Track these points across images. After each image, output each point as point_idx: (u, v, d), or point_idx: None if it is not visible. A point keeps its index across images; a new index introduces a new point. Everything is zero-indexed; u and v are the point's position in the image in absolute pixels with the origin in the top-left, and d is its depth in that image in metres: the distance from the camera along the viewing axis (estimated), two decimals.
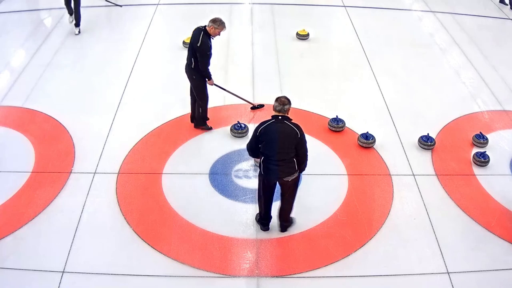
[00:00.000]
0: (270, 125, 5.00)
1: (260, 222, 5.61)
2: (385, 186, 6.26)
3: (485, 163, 6.59)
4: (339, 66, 8.90)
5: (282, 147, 4.97)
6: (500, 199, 6.10)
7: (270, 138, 4.98)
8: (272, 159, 5.03)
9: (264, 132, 4.99)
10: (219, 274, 5.11)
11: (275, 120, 5.00)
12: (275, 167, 5.05)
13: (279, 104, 4.98)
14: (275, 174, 5.10)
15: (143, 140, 6.85)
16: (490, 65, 9.04)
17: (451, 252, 5.42)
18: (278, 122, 4.98)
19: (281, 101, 4.98)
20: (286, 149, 4.99)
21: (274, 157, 5.01)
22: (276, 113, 5.01)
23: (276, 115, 5.01)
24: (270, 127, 4.99)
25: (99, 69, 8.51)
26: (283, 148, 4.98)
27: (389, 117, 7.51)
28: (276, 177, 5.16)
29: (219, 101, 7.70)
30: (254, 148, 5.16)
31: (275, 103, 5.01)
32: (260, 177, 5.28)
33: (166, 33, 9.87)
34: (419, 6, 11.50)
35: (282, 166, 5.04)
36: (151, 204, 5.88)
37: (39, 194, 5.94)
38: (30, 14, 10.52)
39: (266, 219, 5.55)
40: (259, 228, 5.60)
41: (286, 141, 4.97)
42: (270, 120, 5.03)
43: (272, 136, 4.97)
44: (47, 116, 7.25)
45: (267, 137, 4.98)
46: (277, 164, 5.03)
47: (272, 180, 5.22)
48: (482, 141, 6.90)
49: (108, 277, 5.04)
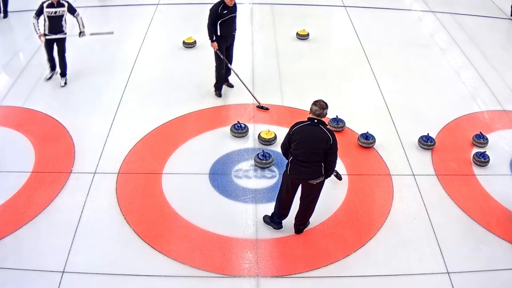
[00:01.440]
0: (304, 126, 5.01)
1: (273, 221, 5.59)
2: (385, 186, 6.26)
3: (485, 163, 6.58)
4: (339, 66, 8.90)
5: (312, 149, 4.97)
6: (500, 199, 6.10)
7: (302, 138, 4.98)
8: (300, 160, 5.03)
9: (297, 132, 5.00)
10: (219, 274, 5.11)
11: (310, 123, 5.00)
12: (302, 169, 5.05)
13: (318, 108, 4.97)
14: (301, 175, 5.10)
15: (143, 140, 6.85)
16: (490, 65, 9.04)
17: (451, 252, 5.42)
18: (313, 124, 4.99)
19: (321, 105, 4.97)
20: (315, 152, 4.98)
21: (302, 158, 5.01)
22: (313, 116, 5.00)
23: (313, 118, 5.00)
24: (304, 128, 5.00)
25: (99, 69, 8.51)
26: (312, 151, 4.97)
27: (389, 117, 7.51)
28: (302, 179, 5.14)
29: (219, 101, 7.71)
30: (287, 148, 5.15)
31: (314, 106, 4.98)
32: (285, 176, 5.26)
33: (166, 33, 9.87)
34: (419, 6, 11.50)
35: (309, 168, 5.04)
36: (151, 204, 5.88)
37: (39, 194, 5.94)
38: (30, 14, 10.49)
39: (281, 218, 5.54)
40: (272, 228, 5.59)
41: (317, 145, 4.96)
42: (306, 121, 5.03)
43: (304, 137, 4.98)
44: (47, 116, 7.25)
45: (299, 137, 4.99)
46: (304, 166, 5.03)
47: (297, 181, 5.21)
48: (482, 141, 6.90)
49: (108, 277, 5.04)
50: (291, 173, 5.14)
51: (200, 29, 9.75)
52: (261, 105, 7.56)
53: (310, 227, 5.63)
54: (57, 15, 7.62)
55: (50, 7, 7.56)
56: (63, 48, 7.94)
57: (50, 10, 7.56)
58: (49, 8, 7.56)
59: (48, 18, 7.60)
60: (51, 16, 7.59)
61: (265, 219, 5.68)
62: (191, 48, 9.20)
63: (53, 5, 7.56)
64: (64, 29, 7.80)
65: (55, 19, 7.63)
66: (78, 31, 7.94)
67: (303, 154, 4.99)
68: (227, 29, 7.39)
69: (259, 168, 6.42)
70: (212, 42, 7.41)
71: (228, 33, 7.44)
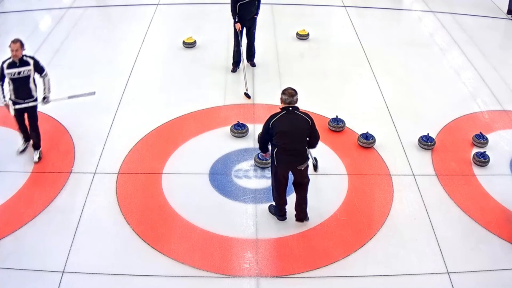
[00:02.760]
0: (282, 116, 5.10)
1: (276, 214, 5.67)
2: (385, 186, 6.26)
3: (485, 163, 6.58)
4: (339, 66, 8.90)
5: (296, 137, 5.11)
6: (500, 199, 6.10)
7: (284, 129, 5.07)
8: (286, 150, 5.13)
9: (277, 123, 5.08)
10: (219, 274, 5.11)
11: (286, 112, 5.09)
12: (290, 157, 5.18)
13: (288, 96, 5.09)
14: (289, 164, 5.23)
15: (143, 140, 6.85)
16: (490, 65, 9.04)
17: (451, 252, 5.42)
18: (289, 113, 5.09)
19: (289, 93, 5.09)
20: (299, 138, 5.14)
21: (288, 147, 5.12)
22: (285, 105, 5.10)
23: (286, 106, 5.10)
24: (282, 119, 5.09)
25: (99, 69, 8.51)
26: (297, 138, 5.12)
27: (389, 117, 7.51)
28: (290, 167, 5.27)
29: (219, 101, 7.71)
30: (266, 141, 5.26)
31: (284, 96, 5.11)
32: (274, 169, 5.35)
33: (166, 33, 9.87)
34: (419, 6, 11.50)
35: (296, 155, 5.19)
36: (151, 204, 5.88)
37: (39, 194, 5.94)
38: (30, 14, 10.51)
39: (283, 210, 5.63)
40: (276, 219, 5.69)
41: (299, 131, 5.11)
42: (281, 112, 5.11)
43: (285, 127, 5.07)
44: (47, 116, 7.24)
45: (280, 129, 5.07)
46: (291, 154, 5.16)
47: (286, 170, 5.32)
48: (482, 141, 6.90)
49: (108, 277, 5.04)
50: (279, 164, 5.23)
51: (200, 29, 9.80)
52: (247, 92, 7.85)
53: (310, 227, 5.63)
54: (22, 76, 6.07)
55: (12, 67, 6.00)
56: (35, 117, 6.37)
57: (12, 71, 6.00)
58: (11, 68, 6.00)
59: (12, 81, 6.07)
60: (15, 78, 6.04)
61: (270, 209, 5.76)
62: (191, 48, 9.20)
63: (15, 64, 6.00)
64: (33, 93, 6.25)
65: (20, 81, 6.08)
66: (51, 94, 6.45)
67: (289, 143, 5.11)
68: (245, 11, 7.99)
69: (259, 168, 6.43)
70: (236, 23, 8.07)
71: (246, 15, 8.03)
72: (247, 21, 8.13)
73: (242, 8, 7.92)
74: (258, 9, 8.15)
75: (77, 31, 9.74)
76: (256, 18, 8.22)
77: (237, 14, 7.99)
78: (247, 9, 7.97)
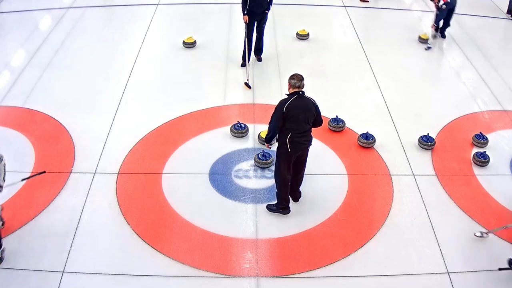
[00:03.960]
0: (295, 101, 5.25)
1: (283, 207, 5.70)
2: (385, 186, 6.26)
3: (485, 163, 6.59)
4: (339, 66, 8.90)
5: (308, 119, 5.29)
6: (500, 199, 6.10)
7: (297, 113, 5.24)
8: (299, 133, 5.30)
9: (291, 108, 5.22)
10: (219, 274, 5.11)
11: (297, 96, 5.26)
12: (302, 139, 5.38)
13: (297, 80, 5.27)
14: (303, 145, 5.42)
15: (143, 140, 6.85)
16: (490, 65, 9.04)
17: (451, 252, 5.42)
18: (299, 97, 5.27)
19: (298, 78, 5.28)
20: (309, 121, 5.32)
21: (301, 130, 5.30)
22: (295, 89, 5.26)
23: (296, 91, 5.27)
24: (295, 103, 5.25)
25: (99, 69, 8.51)
26: (307, 120, 5.30)
27: (389, 117, 7.51)
28: (303, 148, 5.46)
29: (219, 101, 7.71)
30: (277, 128, 5.36)
31: (293, 80, 5.28)
32: (285, 156, 5.43)
33: (166, 33, 9.86)
34: (419, 6, 11.50)
35: (307, 136, 5.43)
36: (151, 204, 5.88)
37: (39, 194, 5.94)
38: (30, 14, 10.52)
39: (288, 201, 5.72)
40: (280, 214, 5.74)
41: (309, 114, 5.30)
42: (293, 96, 5.26)
43: (299, 111, 5.24)
44: (47, 116, 7.25)
45: (294, 113, 5.23)
46: (303, 136, 5.36)
47: (298, 152, 5.47)
48: (482, 141, 6.90)
49: (108, 277, 5.04)
50: (293, 149, 5.36)
51: (200, 29, 9.80)
52: (247, 82, 8.03)
53: (310, 227, 5.63)
54: None
55: None
56: None
57: None
58: None
59: None
60: None
61: (271, 208, 5.77)
62: (191, 48, 9.20)
63: None
64: None
65: None
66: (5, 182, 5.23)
67: (302, 126, 5.29)
68: (256, 5, 8.05)
69: (259, 168, 6.42)
70: (244, 15, 8.12)
71: (256, 9, 8.08)
72: (257, 15, 8.17)
73: (252, 2, 7.98)
74: (270, 4, 8.18)
75: (77, 31, 9.73)
76: (267, 13, 8.25)
77: (247, 8, 8.04)
78: (258, 3, 8.02)
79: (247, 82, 8.07)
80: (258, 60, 8.78)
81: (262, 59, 8.79)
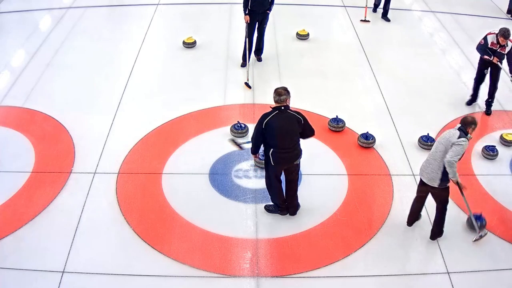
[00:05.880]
0: (274, 116, 5.16)
1: (278, 210, 5.71)
2: (385, 186, 6.26)
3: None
4: (339, 66, 8.90)
5: (290, 135, 5.19)
6: (500, 199, 6.10)
7: (277, 128, 5.14)
8: (281, 148, 5.22)
9: (270, 124, 5.14)
10: (219, 274, 5.11)
11: (278, 111, 5.15)
12: (285, 155, 5.28)
13: (276, 95, 5.17)
14: (286, 161, 5.33)
15: (143, 140, 6.85)
16: None
17: (451, 252, 5.42)
18: (281, 112, 5.15)
19: (278, 92, 5.18)
20: (293, 136, 5.23)
21: (283, 146, 5.21)
22: (277, 104, 5.16)
23: (278, 106, 5.16)
24: (274, 119, 5.15)
25: (99, 69, 8.51)
26: (291, 136, 5.20)
27: (389, 117, 7.51)
28: (287, 164, 5.37)
29: (219, 101, 7.71)
30: (259, 142, 5.32)
31: (274, 94, 5.18)
32: (270, 168, 5.41)
33: (166, 33, 9.86)
34: (419, 6, 11.50)
35: (291, 152, 5.29)
36: (151, 204, 5.88)
37: (39, 194, 5.94)
38: (30, 14, 10.52)
39: (283, 205, 5.69)
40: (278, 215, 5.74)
41: (292, 129, 5.19)
42: (273, 112, 5.17)
43: (278, 127, 5.14)
44: (47, 116, 7.25)
45: (274, 128, 5.14)
46: (286, 152, 5.25)
47: (282, 168, 5.42)
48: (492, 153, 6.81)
49: (108, 277, 5.04)
50: (276, 163, 5.31)
51: (200, 29, 9.80)
52: (247, 82, 8.03)
53: (310, 227, 5.63)
54: None
55: None
56: None
57: None
58: None
59: None
60: None
61: (269, 208, 5.77)
62: (191, 48, 9.20)
63: None
64: None
65: None
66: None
67: (282, 142, 5.20)
68: (257, 5, 8.05)
69: (259, 168, 6.42)
70: (245, 15, 8.13)
71: (257, 9, 8.08)
72: (259, 15, 8.18)
73: (254, 1, 7.98)
74: (271, 4, 8.21)
75: (77, 31, 9.74)
76: (268, 14, 8.26)
77: (248, 8, 8.04)
78: (259, 2, 8.03)
79: (247, 82, 8.07)
80: (258, 60, 8.78)
81: (262, 59, 8.79)
